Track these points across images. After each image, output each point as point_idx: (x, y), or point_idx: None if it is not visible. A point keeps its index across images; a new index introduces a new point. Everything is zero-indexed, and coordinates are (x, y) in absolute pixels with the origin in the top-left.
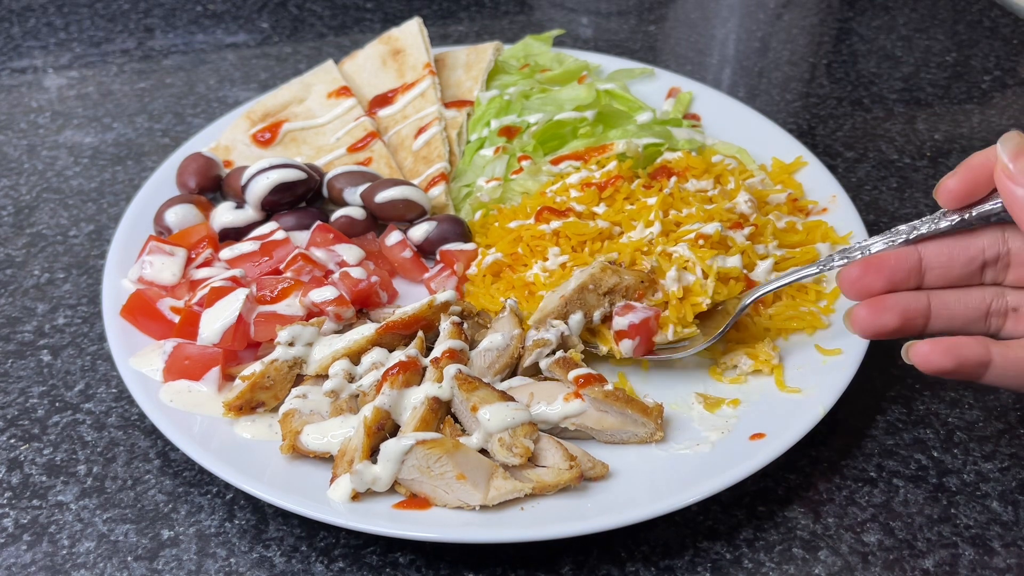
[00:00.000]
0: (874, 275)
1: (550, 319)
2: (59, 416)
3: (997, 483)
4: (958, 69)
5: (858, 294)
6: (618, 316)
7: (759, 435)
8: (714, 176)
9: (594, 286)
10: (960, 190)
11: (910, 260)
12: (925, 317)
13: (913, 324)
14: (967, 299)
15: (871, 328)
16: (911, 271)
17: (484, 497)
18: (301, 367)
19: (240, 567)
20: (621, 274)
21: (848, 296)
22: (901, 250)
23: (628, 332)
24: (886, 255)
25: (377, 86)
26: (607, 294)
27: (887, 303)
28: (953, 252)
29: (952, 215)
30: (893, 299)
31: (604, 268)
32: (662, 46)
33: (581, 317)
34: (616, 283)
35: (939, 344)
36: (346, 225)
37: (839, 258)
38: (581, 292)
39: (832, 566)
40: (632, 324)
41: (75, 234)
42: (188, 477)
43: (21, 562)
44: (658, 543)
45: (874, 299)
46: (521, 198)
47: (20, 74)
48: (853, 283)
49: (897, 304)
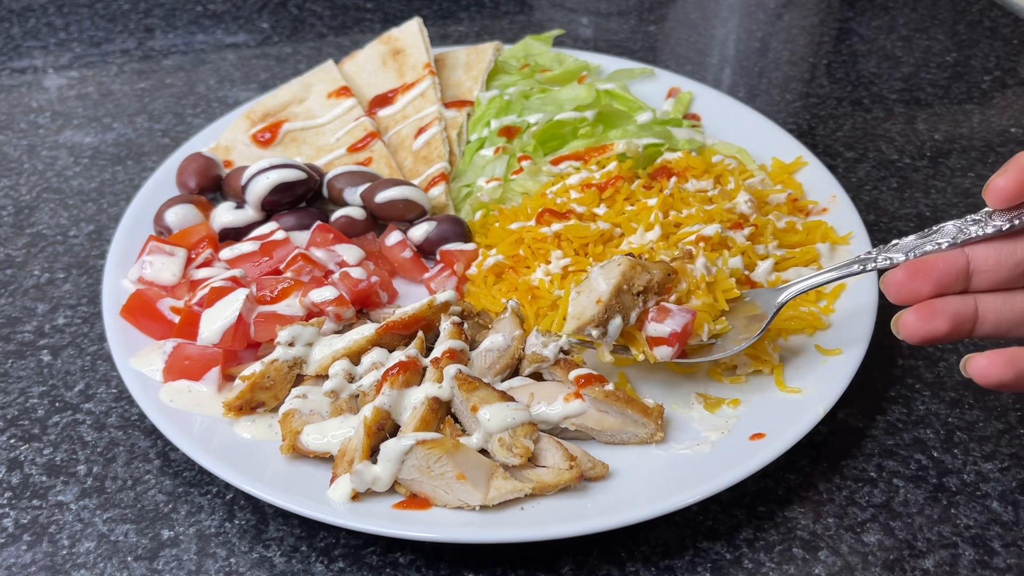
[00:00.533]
0: (922, 280)
1: (589, 328)
2: (59, 416)
3: (997, 483)
4: (958, 69)
5: (905, 299)
6: (655, 322)
7: (759, 435)
8: (714, 176)
9: (628, 287)
10: (1010, 189)
11: (958, 264)
12: (972, 322)
13: (962, 329)
14: (1013, 303)
15: (921, 334)
16: (959, 275)
17: (484, 497)
18: (301, 367)
19: (240, 567)
20: (648, 268)
21: (893, 300)
22: (949, 253)
23: (668, 340)
24: (934, 259)
25: (377, 86)
26: (640, 293)
27: (936, 308)
28: (1001, 255)
29: (1002, 217)
30: (943, 304)
31: (633, 265)
32: (662, 46)
33: (620, 322)
34: (648, 280)
35: (998, 357)
36: (346, 225)
37: (881, 258)
38: (618, 295)
39: (832, 566)
40: (674, 332)
41: (75, 234)
42: (188, 477)
43: (21, 562)
44: (658, 543)
45: (923, 304)
46: (521, 198)
47: (20, 74)
48: (900, 287)
49: (947, 309)
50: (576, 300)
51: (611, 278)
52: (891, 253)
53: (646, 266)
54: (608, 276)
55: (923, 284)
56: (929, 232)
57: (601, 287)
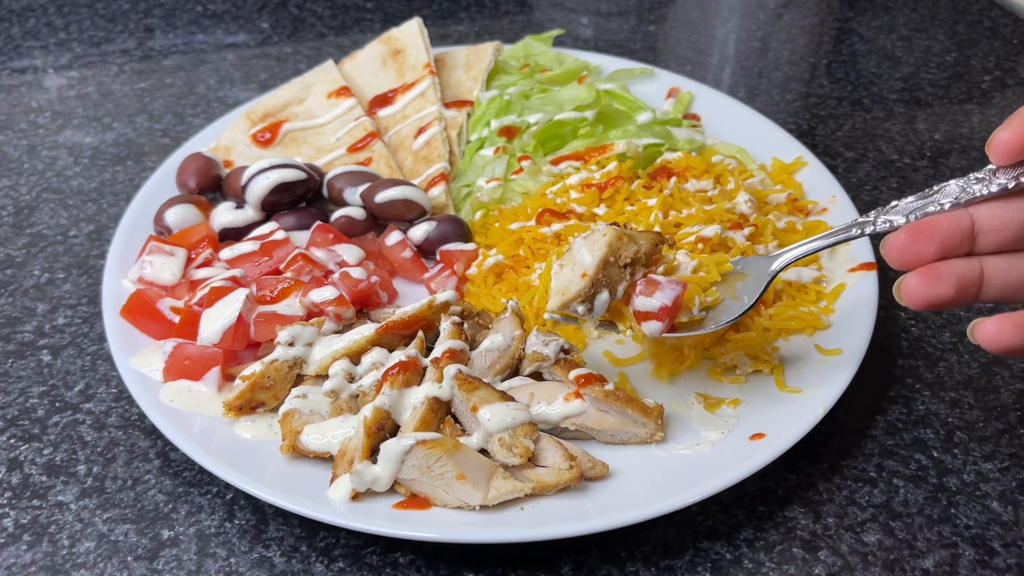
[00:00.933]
0: (925, 242)
1: (575, 304)
2: (59, 416)
3: (997, 483)
4: (958, 69)
5: (907, 263)
6: (644, 296)
7: (759, 435)
8: (714, 176)
9: (614, 259)
10: (1015, 144)
11: (962, 224)
12: (978, 285)
13: (967, 293)
14: (1020, 265)
15: (925, 299)
16: (963, 236)
17: (484, 497)
18: (301, 367)
19: (240, 567)
20: (635, 238)
21: (895, 265)
22: (952, 214)
23: (658, 315)
24: (937, 220)
25: (377, 86)
26: (627, 265)
27: (941, 272)
28: (1007, 215)
29: (1007, 174)
30: (947, 267)
31: (619, 235)
32: (662, 46)
33: (607, 296)
34: (636, 251)
35: (1007, 320)
36: (346, 225)
37: (880, 221)
38: (605, 268)
39: (832, 566)
40: (664, 307)
41: (75, 234)
42: (188, 477)
43: (21, 562)
44: (658, 543)
45: (926, 268)
46: (521, 198)
47: (20, 74)
48: (902, 251)
49: (951, 272)
50: (559, 274)
51: (596, 250)
52: (891, 215)
53: (633, 236)
54: (593, 248)
55: (926, 247)
56: (930, 192)
57: (586, 260)
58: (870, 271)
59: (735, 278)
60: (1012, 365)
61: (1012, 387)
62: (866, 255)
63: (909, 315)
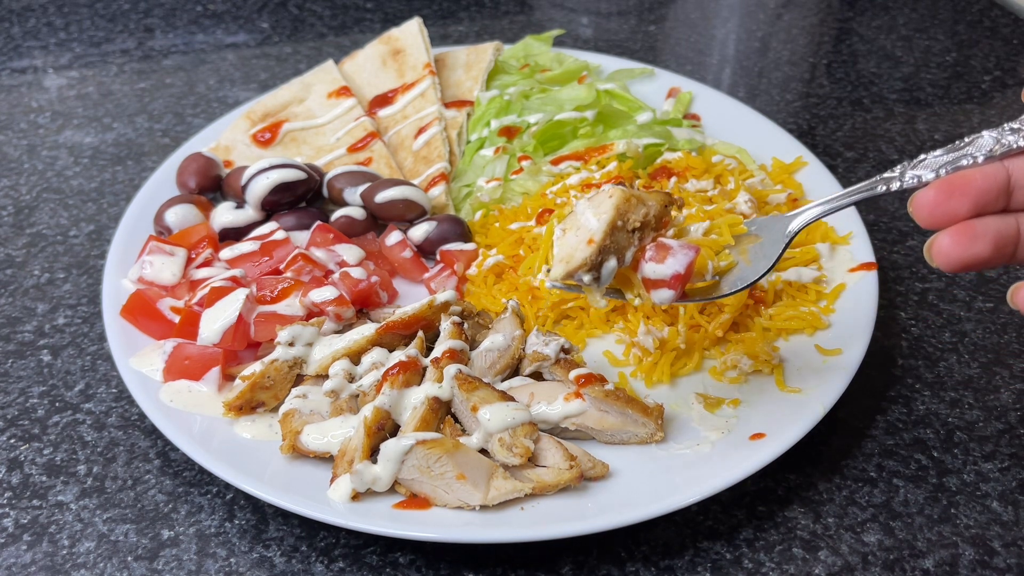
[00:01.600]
0: (959, 198)
1: (580, 272)
2: (59, 416)
3: (997, 483)
4: (958, 69)
5: (939, 221)
6: (654, 263)
7: (759, 435)
8: (714, 176)
9: (622, 223)
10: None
11: (998, 178)
12: (1015, 244)
13: (1004, 252)
14: None
15: (960, 260)
16: (1000, 191)
17: (484, 497)
18: (301, 367)
19: (240, 567)
20: (644, 200)
21: (924, 224)
22: (987, 167)
23: (669, 283)
24: (971, 174)
25: (377, 86)
26: (635, 230)
27: (976, 230)
28: None
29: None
30: (982, 224)
31: (627, 197)
32: (662, 46)
33: (615, 264)
34: (645, 213)
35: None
36: (346, 225)
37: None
38: (613, 233)
39: (832, 566)
40: (676, 274)
41: (75, 234)
42: (188, 477)
43: (21, 562)
44: (658, 543)
45: (961, 226)
46: (521, 198)
47: (20, 74)
48: (934, 208)
49: (988, 230)
50: (562, 240)
51: (603, 213)
52: (918, 170)
53: (641, 197)
54: (599, 211)
55: (960, 203)
56: (961, 144)
57: (592, 224)
58: (870, 271)
59: (748, 240)
60: (1012, 365)
61: (1012, 387)
62: (866, 255)
63: (909, 315)
